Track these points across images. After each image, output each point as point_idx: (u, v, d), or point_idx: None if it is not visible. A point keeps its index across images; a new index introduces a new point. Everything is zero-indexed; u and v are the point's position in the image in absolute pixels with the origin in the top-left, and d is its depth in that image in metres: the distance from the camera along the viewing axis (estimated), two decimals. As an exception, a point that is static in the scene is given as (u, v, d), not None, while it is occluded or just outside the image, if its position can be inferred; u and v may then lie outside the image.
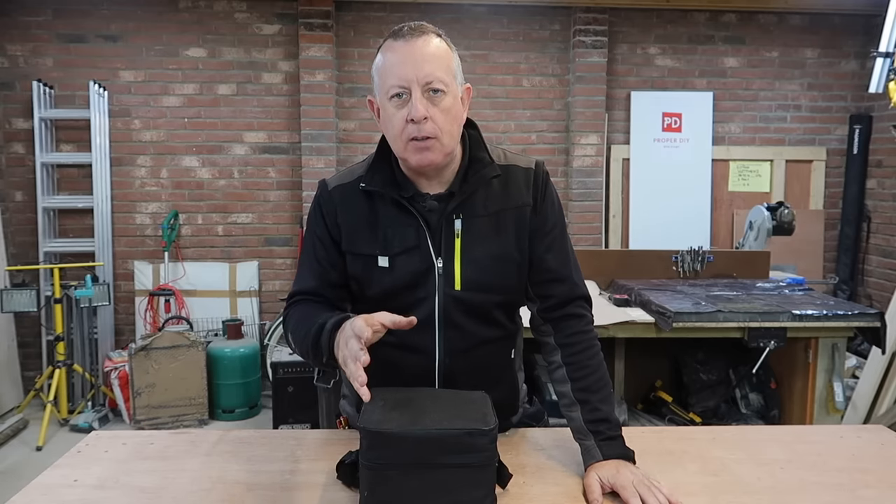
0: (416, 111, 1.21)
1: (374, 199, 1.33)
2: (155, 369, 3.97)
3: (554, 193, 1.40)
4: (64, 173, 4.60)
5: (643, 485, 1.16)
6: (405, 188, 1.31)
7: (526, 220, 1.35)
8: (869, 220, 4.90)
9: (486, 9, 4.70)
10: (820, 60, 4.95)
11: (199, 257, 4.70)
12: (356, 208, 1.34)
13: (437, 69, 1.23)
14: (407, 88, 1.22)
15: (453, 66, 1.27)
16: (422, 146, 1.24)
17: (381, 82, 1.27)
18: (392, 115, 1.25)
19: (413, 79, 1.22)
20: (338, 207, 1.34)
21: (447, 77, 1.24)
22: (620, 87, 4.87)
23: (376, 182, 1.32)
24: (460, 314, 1.32)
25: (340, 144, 4.73)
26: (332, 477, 1.22)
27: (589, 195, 4.81)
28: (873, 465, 1.31)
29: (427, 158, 1.25)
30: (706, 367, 3.26)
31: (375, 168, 1.34)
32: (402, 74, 1.22)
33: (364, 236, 1.32)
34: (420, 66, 1.22)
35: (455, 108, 1.27)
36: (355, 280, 1.35)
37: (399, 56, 1.23)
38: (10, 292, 3.94)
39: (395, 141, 1.27)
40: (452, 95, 1.26)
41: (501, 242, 1.33)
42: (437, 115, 1.23)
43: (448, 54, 1.27)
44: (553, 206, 1.38)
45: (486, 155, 1.34)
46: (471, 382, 1.26)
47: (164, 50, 4.58)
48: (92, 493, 1.17)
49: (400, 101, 1.24)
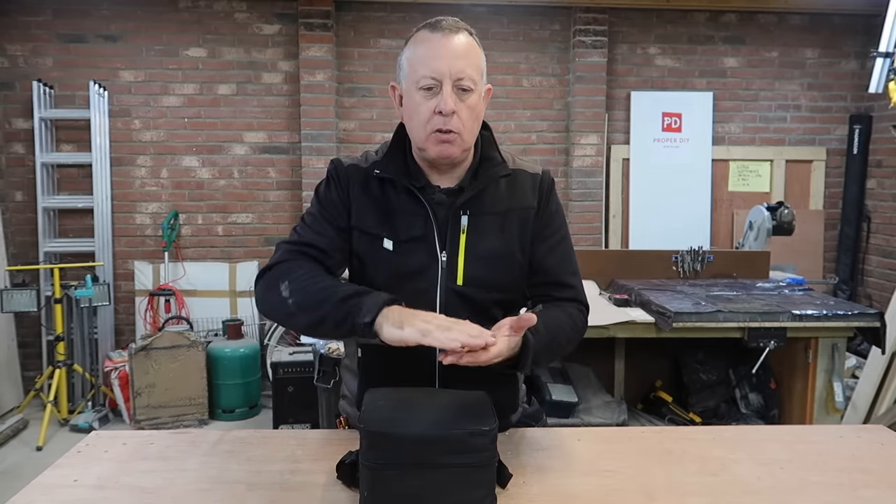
0: (446, 105, 1.24)
1: (385, 186, 1.35)
2: (155, 369, 3.97)
3: (558, 202, 1.43)
4: (64, 173, 4.60)
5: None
6: (417, 178, 1.34)
7: (529, 222, 1.37)
8: (869, 220, 4.90)
9: (486, 9, 4.70)
10: (820, 60, 4.95)
11: (199, 257, 4.70)
12: (369, 190, 1.35)
13: (469, 67, 1.27)
14: (439, 81, 1.26)
15: (482, 66, 1.31)
16: (444, 139, 1.27)
17: (411, 71, 1.29)
18: (419, 104, 1.27)
19: (447, 73, 1.25)
20: (351, 183, 1.36)
21: (476, 76, 1.28)
22: (620, 87, 4.87)
23: (390, 170, 1.34)
24: (461, 310, 1.32)
25: (340, 144, 4.73)
26: (332, 477, 1.21)
27: (589, 195, 4.81)
28: (873, 465, 1.31)
29: (447, 151, 1.28)
30: (706, 367, 3.26)
31: (391, 156, 1.36)
32: (437, 67, 1.25)
33: (373, 217, 1.34)
34: (454, 61, 1.25)
35: (479, 107, 1.31)
36: (358, 258, 1.35)
37: (435, 49, 1.26)
38: (10, 292, 3.94)
39: (418, 130, 1.29)
40: (478, 94, 1.30)
41: (505, 241, 1.35)
42: (464, 112, 1.27)
43: (479, 54, 1.30)
44: (556, 212, 1.41)
45: (497, 154, 1.38)
46: (470, 380, 1.27)
47: (164, 50, 4.58)
48: (92, 493, 1.17)
49: (429, 92, 1.27)
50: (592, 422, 2.88)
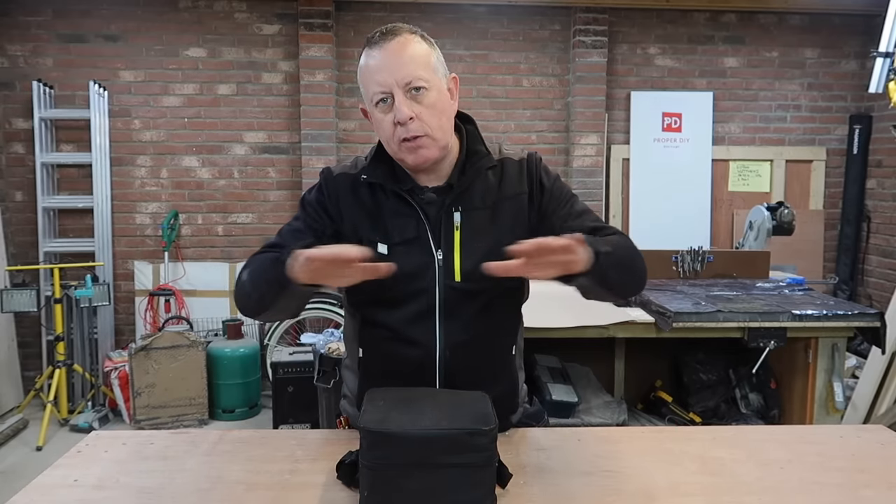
0: (401, 114, 1.23)
1: (375, 191, 1.35)
2: (155, 369, 3.97)
3: (553, 174, 1.41)
4: (64, 173, 4.59)
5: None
6: (404, 181, 1.34)
7: (524, 208, 1.37)
8: (869, 220, 4.90)
9: (486, 9, 4.70)
10: (820, 60, 4.95)
11: (199, 257, 4.70)
12: (359, 197, 1.35)
13: (416, 68, 1.24)
14: (388, 92, 1.25)
15: (432, 61, 1.28)
16: (413, 146, 1.26)
17: (364, 90, 1.30)
18: (381, 120, 1.27)
19: (392, 82, 1.24)
20: (340, 194, 1.36)
21: (426, 73, 1.26)
22: (620, 87, 4.86)
23: (377, 175, 1.34)
24: (461, 305, 1.33)
25: (340, 144, 4.73)
26: (332, 477, 1.21)
27: (589, 195, 4.80)
28: (873, 465, 1.31)
29: (422, 157, 1.28)
30: (706, 367, 3.26)
31: (377, 161, 1.36)
32: (382, 80, 1.24)
33: (366, 224, 1.34)
34: (398, 68, 1.24)
35: (441, 101, 1.28)
36: None
37: (376, 62, 1.25)
38: (10, 292, 3.94)
39: (388, 144, 1.30)
40: (436, 90, 1.27)
41: (499, 233, 1.33)
42: (424, 113, 1.25)
43: (425, 50, 1.28)
44: (556, 183, 1.40)
45: (482, 148, 1.37)
46: (471, 377, 1.27)
47: (164, 50, 4.57)
48: (92, 493, 1.17)
49: (385, 105, 1.26)
50: (592, 422, 2.88)
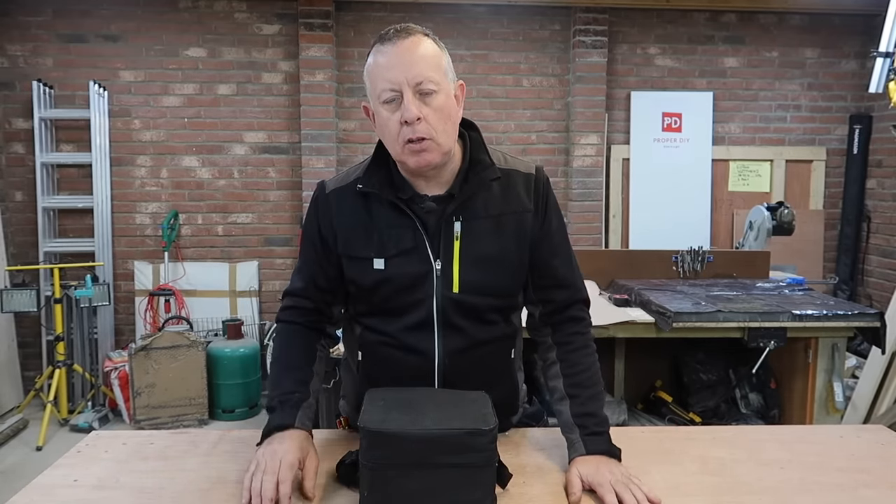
0: (409, 112, 1.21)
1: (370, 202, 1.33)
2: (155, 369, 3.97)
3: (554, 199, 1.40)
4: (64, 173, 4.60)
5: (621, 483, 1.16)
6: (403, 190, 1.31)
7: (527, 225, 1.34)
8: (869, 220, 4.90)
9: (486, 9, 4.70)
10: (820, 60, 4.95)
11: (199, 257, 4.70)
12: (352, 211, 1.33)
13: (427, 69, 1.22)
14: (398, 91, 1.22)
15: (443, 65, 1.26)
16: (417, 148, 1.23)
17: (372, 87, 1.26)
18: (386, 119, 1.24)
19: (403, 80, 1.21)
20: (334, 211, 1.34)
21: (437, 76, 1.24)
22: (620, 87, 4.86)
23: (373, 184, 1.31)
24: (459, 316, 1.32)
25: (340, 144, 4.73)
26: (332, 477, 1.22)
27: (589, 195, 4.81)
28: (873, 465, 1.31)
29: (425, 160, 1.25)
30: (706, 367, 3.26)
31: (373, 170, 1.33)
32: (392, 77, 1.22)
33: (360, 239, 1.32)
34: (409, 67, 1.21)
35: (448, 106, 1.26)
36: (353, 283, 1.35)
37: (387, 59, 1.23)
38: (10, 292, 3.94)
39: (391, 144, 1.27)
40: (445, 94, 1.25)
41: (500, 245, 1.32)
42: (431, 115, 1.23)
43: (437, 53, 1.26)
44: (555, 211, 1.39)
45: (486, 157, 1.34)
46: (471, 383, 1.26)
47: (164, 50, 4.58)
48: (92, 493, 1.17)
49: (393, 104, 1.23)
50: (592, 422, 2.88)
